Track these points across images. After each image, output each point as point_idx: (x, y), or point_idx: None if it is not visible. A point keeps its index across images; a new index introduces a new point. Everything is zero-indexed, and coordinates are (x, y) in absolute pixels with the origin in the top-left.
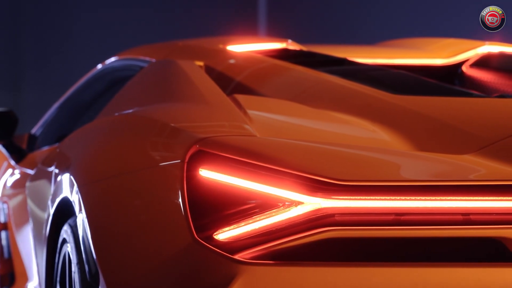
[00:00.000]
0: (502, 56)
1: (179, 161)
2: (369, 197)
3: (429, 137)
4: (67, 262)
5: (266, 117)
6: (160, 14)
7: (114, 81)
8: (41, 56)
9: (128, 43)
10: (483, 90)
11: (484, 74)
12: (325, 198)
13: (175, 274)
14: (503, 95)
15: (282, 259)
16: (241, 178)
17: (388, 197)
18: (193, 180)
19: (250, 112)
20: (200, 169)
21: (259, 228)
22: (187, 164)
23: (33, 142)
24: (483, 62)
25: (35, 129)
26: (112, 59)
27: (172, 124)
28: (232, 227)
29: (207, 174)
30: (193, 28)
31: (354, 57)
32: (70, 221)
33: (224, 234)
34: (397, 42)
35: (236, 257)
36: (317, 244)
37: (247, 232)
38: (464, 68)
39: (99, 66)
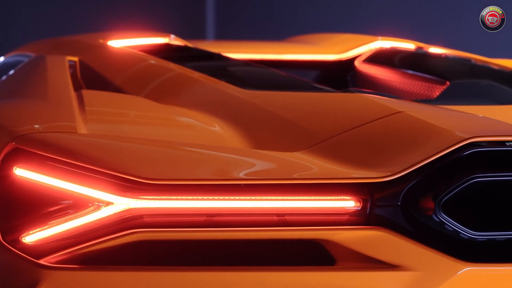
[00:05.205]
0: (394, 51)
1: None
2: (179, 197)
3: (268, 133)
4: None
5: (105, 114)
6: (106, 11)
7: None
8: None
9: None
10: (374, 85)
11: (376, 70)
12: (134, 198)
13: None
14: (348, 90)
15: (92, 263)
16: (54, 177)
17: (200, 197)
18: (6, 179)
19: (89, 109)
20: (15, 167)
21: (67, 230)
22: (2, 162)
23: None
24: (375, 58)
25: None
26: (2, 57)
27: None
28: (40, 229)
29: (22, 173)
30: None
31: (243, 53)
32: None
33: (31, 237)
34: (300, 38)
35: (41, 261)
36: (127, 247)
37: (55, 234)
38: (357, 63)
39: None
